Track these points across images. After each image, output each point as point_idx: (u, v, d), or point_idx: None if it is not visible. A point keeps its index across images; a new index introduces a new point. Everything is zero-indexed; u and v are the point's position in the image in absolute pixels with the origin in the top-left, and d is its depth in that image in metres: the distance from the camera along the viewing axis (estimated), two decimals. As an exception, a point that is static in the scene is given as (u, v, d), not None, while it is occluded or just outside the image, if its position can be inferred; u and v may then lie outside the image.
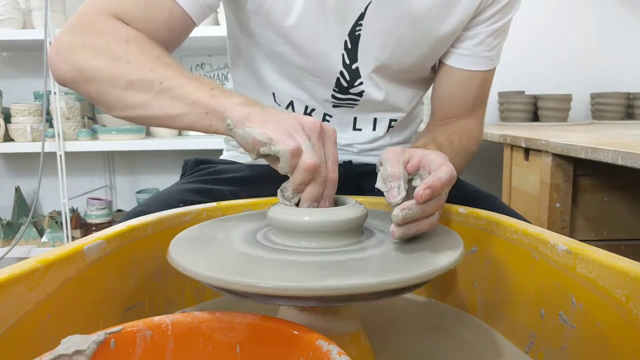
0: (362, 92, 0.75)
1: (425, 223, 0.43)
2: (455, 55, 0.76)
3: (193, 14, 0.63)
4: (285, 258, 0.40)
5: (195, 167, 0.87)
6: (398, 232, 0.41)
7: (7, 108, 1.95)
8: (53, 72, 0.59)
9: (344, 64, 0.72)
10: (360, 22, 0.69)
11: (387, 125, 0.81)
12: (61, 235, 1.95)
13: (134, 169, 2.27)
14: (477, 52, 0.75)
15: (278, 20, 0.68)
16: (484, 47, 0.75)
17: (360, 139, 0.82)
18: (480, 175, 2.16)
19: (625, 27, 2.09)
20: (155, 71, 0.53)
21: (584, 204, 1.25)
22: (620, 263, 0.38)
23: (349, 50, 0.71)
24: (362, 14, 0.69)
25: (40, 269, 0.41)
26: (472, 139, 0.77)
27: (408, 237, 0.43)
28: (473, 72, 0.76)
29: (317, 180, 0.43)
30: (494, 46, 0.76)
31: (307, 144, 0.43)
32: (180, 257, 0.40)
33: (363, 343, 0.45)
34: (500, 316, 0.54)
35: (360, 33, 0.70)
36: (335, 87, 0.75)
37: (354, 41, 0.71)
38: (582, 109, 2.10)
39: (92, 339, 0.32)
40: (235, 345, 0.35)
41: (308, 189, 0.44)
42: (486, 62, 0.77)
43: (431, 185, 0.41)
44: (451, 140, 0.72)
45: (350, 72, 0.73)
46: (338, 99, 0.77)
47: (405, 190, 0.44)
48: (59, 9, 1.86)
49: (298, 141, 0.43)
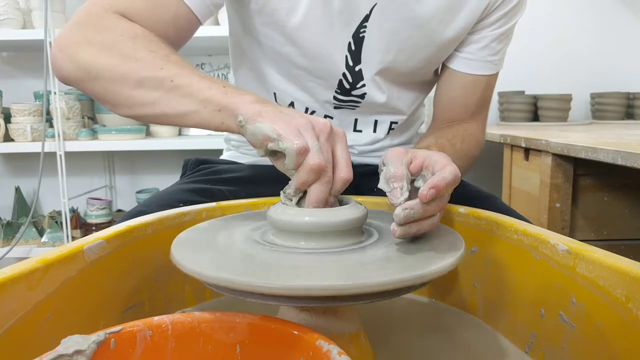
0: (364, 94, 0.75)
1: (426, 223, 0.43)
2: (459, 59, 0.76)
3: (199, 12, 0.62)
4: (285, 258, 0.40)
5: (195, 167, 0.87)
6: (399, 232, 0.41)
7: (7, 108, 1.95)
8: (56, 70, 0.59)
9: (347, 65, 0.72)
10: (364, 24, 0.69)
11: (388, 128, 0.81)
12: (61, 235, 1.95)
13: (134, 169, 2.27)
14: (481, 56, 0.75)
15: (282, 20, 0.67)
16: (488, 51, 0.75)
17: (361, 141, 0.82)
18: (480, 175, 2.16)
19: (625, 27, 2.09)
20: (165, 69, 0.52)
21: (584, 204, 1.25)
22: (620, 263, 0.38)
23: (353, 52, 0.71)
24: (367, 15, 0.68)
25: (40, 269, 0.41)
26: (474, 143, 0.77)
27: (409, 237, 0.43)
28: (476, 76, 0.76)
29: (322, 180, 0.43)
30: (498, 51, 0.76)
31: (314, 144, 0.42)
32: (182, 257, 0.40)
33: (363, 343, 0.45)
34: (500, 316, 0.54)
35: (364, 35, 0.70)
36: (338, 89, 0.75)
37: (358, 43, 0.70)
38: (582, 109, 2.10)
39: (92, 339, 0.32)
40: (235, 345, 0.35)
41: (313, 190, 0.43)
42: (490, 67, 0.76)
43: (436, 185, 0.41)
44: (454, 143, 0.71)
45: (353, 74, 0.73)
46: (340, 101, 0.77)
47: (408, 191, 0.44)
48: (59, 9, 1.86)
49: (306, 140, 0.43)
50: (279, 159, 0.44)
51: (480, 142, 0.80)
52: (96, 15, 0.58)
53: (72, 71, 0.57)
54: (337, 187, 0.44)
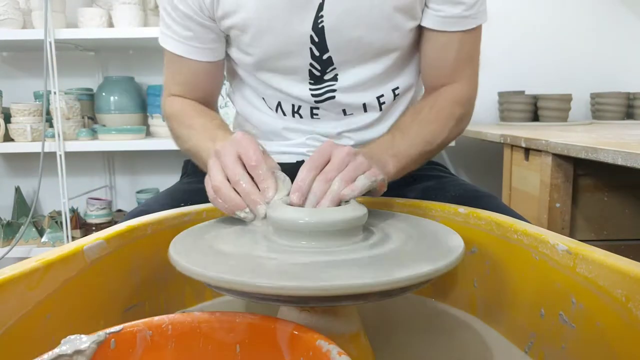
0: (336, 75, 0.75)
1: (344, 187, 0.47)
2: (432, 15, 0.72)
3: (206, 58, 0.77)
4: (285, 258, 0.40)
5: (196, 168, 0.87)
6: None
7: (7, 108, 1.94)
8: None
9: (313, 56, 0.73)
10: (320, 13, 0.69)
11: (378, 105, 0.79)
12: (61, 235, 1.95)
13: (134, 169, 2.27)
14: (455, 13, 0.71)
15: (238, 36, 0.74)
16: (463, 7, 0.70)
17: (353, 125, 0.80)
18: (480, 175, 2.17)
19: (625, 27, 2.09)
20: (185, 134, 0.76)
21: (584, 204, 1.25)
22: (620, 263, 0.38)
23: (317, 43, 0.72)
24: (321, 4, 0.69)
25: (40, 269, 0.41)
26: (451, 103, 0.75)
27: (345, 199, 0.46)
28: (451, 33, 0.73)
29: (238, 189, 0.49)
30: (474, 3, 0.71)
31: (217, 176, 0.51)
32: (181, 257, 0.40)
33: (363, 343, 0.45)
34: (500, 316, 0.54)
35: (323, 25, 0.70)
36: (310, 80, 0.76)
37: (320, 33, 0.71)
38: (582, 109, 2.10)
39: (92, 339, 0.32)
40: (235, 345, 0.35)
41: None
42: (466, 22, 0.72)
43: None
44: (418, 113, 0.73)
45: (321, 62, 0.74)
46: (317, 93, 0.77)
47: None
48: (59, 9, 1.85)
49: (216, 179, 0.50)
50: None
51: (464, 101, 0.77)
52: (164, 98, 0.84)
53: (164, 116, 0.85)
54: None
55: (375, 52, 0.74)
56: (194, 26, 0.74)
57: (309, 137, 0.80)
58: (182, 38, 0.76)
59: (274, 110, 0.81)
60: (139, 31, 1.81)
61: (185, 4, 0.73)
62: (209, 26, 0.74)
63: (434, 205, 0.62)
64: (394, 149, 0.66)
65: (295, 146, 0.81)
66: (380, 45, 0.73)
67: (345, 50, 0.73)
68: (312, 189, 0.47)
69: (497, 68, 2.07)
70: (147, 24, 1.90)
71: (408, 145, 0.68)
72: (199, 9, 0.73)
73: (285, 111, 0.80)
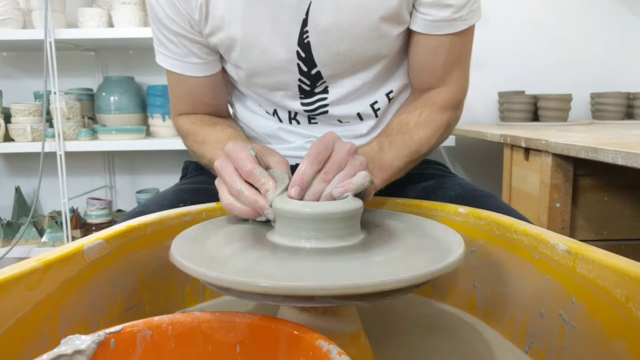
0: (326, 87, 0.75)
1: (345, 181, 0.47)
2: (420, 19, 0.70)
3: (205, 73, 0.77)
4: (285, 258, 0.40)
5: (196, 171, 0.88)
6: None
7: (7, 108, 1.95)
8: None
9: (301, 72, 0.72)
10: (305, 29, 0.68)
11: (373, 112, 0.79)
12: (61, 235, 1.95)
13: (134, 169, 2.27)
14: (444, 16, 0.69)
15: (228, 57, 0.74)
16: (451, 10, 0.68)
17: (351, 132, 0.80)
18: (480, 175, 2.17)
19: (625, 27, 2.09)
20: (198, 149, 0.78)
21: (584, 204, 1.25)
22: (620, 263, 0.38)
23: (304, 58, 0.71)
24: (305, 19, 0.68)
25: (40, 269, 0.41)
26: (442, 110, 0.74)
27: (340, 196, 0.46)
28: (439, 37, 0.71)
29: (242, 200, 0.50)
30: (463, 5, 0.68)
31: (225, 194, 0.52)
32: (182, 256, 0.40)
33: (363, 343, 0.45)
34: (500, 316, 0.54)
35: (309, 40, 0.69)
36: (300, 94, 0.76)
37: (306, 49, 0.70)
38: (582, 109, 2.10)
39: (92, 339, 0.32)
40: (235, 345, 0.35)
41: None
42: (456, 24, 0.70)
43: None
44: (407, 122, 0.71)
45: (309, 77, 0.73)
46: (309, 108, 0.77)
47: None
48: (59, 9, 1.85)
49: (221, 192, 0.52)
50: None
51: (452, 103, 0.75)
52: (174, 117, 0.86)
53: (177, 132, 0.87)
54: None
55: (364, 63, 0.73)
56: (188, 43, 0.74)
57: (307, 140, 0.80)
58: (178, 56, 0.75)
59: (271, 115, 0.81)
60: (139, 31, 1.81)
61: (174, 23, 0.72)
62: (201, 41, 0.74)
63: (434, 205, 0.62)
64: (380, 161, 0.65)
65: (294, 149, 0.81)
66: (369, 56, 0.72)
67: (333, 64, 0.72)
68: (311, 188, 0.47)
69: (497, 68, 2.07)
70: (147, 24, 1.90)
71: (394, 157, 0.67)
72: (189, 26, 0.72)
73: (282, 118, 0.81)
